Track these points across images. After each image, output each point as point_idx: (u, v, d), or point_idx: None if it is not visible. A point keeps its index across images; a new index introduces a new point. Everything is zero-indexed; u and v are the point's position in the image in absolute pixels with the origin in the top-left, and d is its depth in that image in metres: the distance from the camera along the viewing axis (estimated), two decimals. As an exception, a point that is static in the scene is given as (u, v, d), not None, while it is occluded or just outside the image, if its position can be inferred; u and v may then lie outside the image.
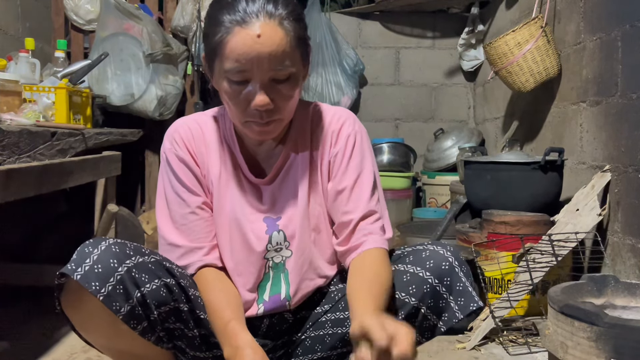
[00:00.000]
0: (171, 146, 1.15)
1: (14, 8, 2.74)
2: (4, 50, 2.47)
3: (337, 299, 1.19)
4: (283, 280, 1.17)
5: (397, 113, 3.83)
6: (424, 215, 3.25)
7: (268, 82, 1.02)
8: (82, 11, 2.97)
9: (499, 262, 1.92)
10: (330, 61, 3.52)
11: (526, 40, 2.39)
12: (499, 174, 2.22)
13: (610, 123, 2.02)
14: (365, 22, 3.78)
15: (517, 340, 1.82)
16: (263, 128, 1.06)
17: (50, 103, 2.05)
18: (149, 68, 2.73)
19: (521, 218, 2.03)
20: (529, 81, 2.45)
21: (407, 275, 1.08)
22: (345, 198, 1.14)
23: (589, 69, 2.18)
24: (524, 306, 1.98)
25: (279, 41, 0.99)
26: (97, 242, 1.01)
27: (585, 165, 2.21)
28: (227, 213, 1.15)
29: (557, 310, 1.35)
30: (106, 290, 0.96)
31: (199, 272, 1.13)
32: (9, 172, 1.37)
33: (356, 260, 1.10)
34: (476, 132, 3.56)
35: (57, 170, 1.68)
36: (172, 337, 1.10)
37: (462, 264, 1.08)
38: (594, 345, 1.24)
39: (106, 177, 2.17)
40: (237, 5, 1.00)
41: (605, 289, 1.49)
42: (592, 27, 2.16)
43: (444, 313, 1.08)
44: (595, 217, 1.92)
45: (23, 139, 1.55)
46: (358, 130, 1.18)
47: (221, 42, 1.00)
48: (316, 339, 1.19)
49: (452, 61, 3.78)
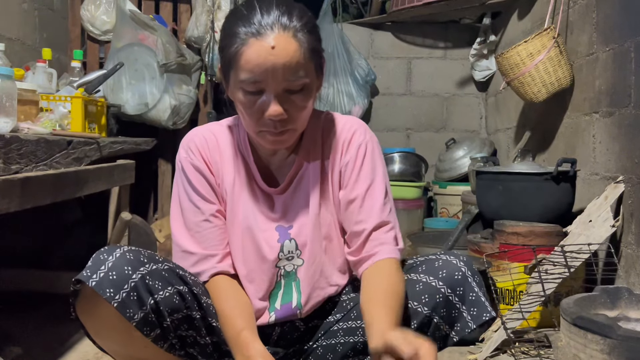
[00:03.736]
0: (186, 155, 1.17)
1: (32, 19, 2.79)
2: (22, 60, 2.51)
3: (349, 308, 1.19)
4: (295, 289, 1.17)
5: (408, 123, 3.83)
6: (436, 226, 3.24)
7: (282, 93, 1.03)
8: (98, 22, 3.01)
9: (510, 273, 1.91)
10: (342, 71, 3.54)
11: (538, 50, 2.39)
12: (511, 184, 2.21)
13: (623, 134, 2.01)
14: (377, 33, 3.80)
15: (529, 352, 1.80)
16: (277, 138, 1.07)
17: (66, 112, 2.07)
18: (163, 78, 2.76)
19: (533, 229, 2.02)
20: (541, 92, 2.45)
21: (420, 284, 1.08)
22: (357, 207, 1.14)
23: (602, 79, 2.17)
24: (536, 318, 1.96)
25: (293, 53, 1.01)
26: (112, 250, 1.02)
27: (598, 176, 2.20)
28: (240, 221, 1.16)
29: (569, 322, 1.34)
30: (120, 297, 0.97)
31: (211, 279, 1.14)
32: (26, 180, 1.40)
33: (369, 270, 1.10)
34: (488, 143, 3.55)
35: (72, 179, 1.70)
36: (184, 345, 1.11)
37: (475, 274, 1.08)
38: (607, 358, 1.23)
39: (120, 186, 2.20)
40: (252, 17, 1.01)
41: (618, 301, 1.47)
42: (605, 37, 2.16)
43: (457, 323, 1.08)
44: (609, 229, 1.90)
45: (40, 147, 1.57)
46: (369, 139, 1.19)
47: (236, 53, 1.02)
48: (328, 347, 1.19)
49: (463, 71, 3.78)
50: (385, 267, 1.09)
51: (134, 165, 2.30)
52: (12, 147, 1.43)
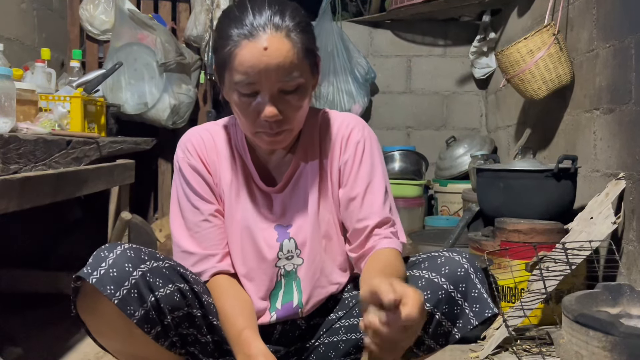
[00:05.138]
0: (184, 155, 1.17)
1: (31, 19, 2.78)
2: (21, 60, 2.51)
3: (351, 306, 1.19)
4: (295, 288, 1.17)
5: (408, 121, 3.83)
6: (436, 224, 3.23)
7: (276, 94, 1.03)
8: (97, 22, 3.01)
9: (512, 270, 1.91)
10: (341, 70, 3.54)
11: (538, 47, 2.38)
12: (512, 181, 2.21)
13: (624, 131, 2.00)
14: (376, 31, 3.79)
15: (531, 350, 1.80)
16: (273, 138, 1.07)
17: (65, 112, 2.07)
18: (163, 77, 2.76)
19: (534, 226, 2.02)
20: (542, 89, 2.44)
21: (422, 280, 1.07)
22: (358, 205, 1.14)
23: (602, 76, 2.17)
24: (537, 315, 1.96)
25: (286, 53, 1.00)
26: (113, 247, 1.02)
27: (599, 173, 2.20)
28: (238, 221, 1.16)
29: (571, 319, 1.34)
30: (121, 294, 0.97)
31: (212, 279, 1.14)
32: (25, 180, 1.39)
33: (369, 257, 1.11)
34: (488, 140, 3.54)
35: (72, 178, 1.70)
36: (185, 343, 1.11)
37: (478, 270, 1.08)
38: (609, 355, 1.23)
39: (120, 185, 2.19)
40: (244, 18, 1.01)
41: (620, 298, 1.47)
42: (605, 34, 2.15)
43: (459, 319, 1.08)
44: (610, 226, 1.90)
45: (39, 147, 1.57)
46: (367, 136, 1.18)
47: (230, 55, 1.02)
48: (330, 345, 1.18)
49: (463, 69, 3.78)
50: (384, 252, 1.10)
51: (134, 165, 2.30)
52: (10, 147, 1.42)
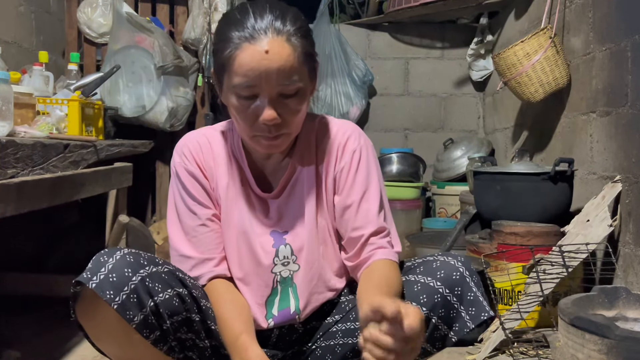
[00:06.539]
0: (180, 160, 1.17)
1: (29, 22, 2.78)
2: (19, 64, 2.51)
3: (347, 310, 1.20)
4: (292, 295, 1.17)
5: (406, 123, 3.84)
6: (434, 226, 3.24)
7: (276, 97, 1.03)
8: (95, 24, 3.01)
9: (509, 273, 1.91)
10: (339, 72, 3.54)
11: (535, 50, 2.39)
12: (509, 184, 2.21)
13: (620, 133, 2.01)
14: (374, 33, 3.80)
15: (528, 352, 1.81)
16: (271, 142, 1.07)
17: (63, 115, 2.07)
18: (160, 80, 2.76)
19: (531, 229, 2.03)
20: (539, 91, 2.45)
21: (418, 285, 1.08)
22: (353, 214, 1.14)
23: (599, 79, 2.18)
24: (534, 318, 1.97)
25: (287, 57, 1.01)
26: (112, 252, 1.02)
27: (595, 175, 2.20)
28: (235, 226, 1.16)
29: (567, 322, 1.35)
30: (120, 299, 0.97)
31: (209, 283, 1.14)
32: (23, 184, 1.39)
33: (366, 270, 1.11)
34: (486, 142, 3.55)
35: (69, 182, 1.70)
36: (183, 348, 1.11)
37: (473, 274, 1.08)
38: (605, 358, 1.23)
39: (117, 188, 2.19)
40: (245, 22, 1.01)
41: (616, 301, 1.48)
42: (602, 37, 2.16)
43: (455, 323, 1.08)
44: (606, 228, 1.90)
45: (36, 151, 1.57)
46: (363, 144, 1.18)
47: (230, 57, 1.02)
48: (327, 349, 1.19)
49: (461, 71, 3.78)
50: (380, 265, 1.10)
51: (132, 168, 2.30)
52: (8, 151, 1.42)
